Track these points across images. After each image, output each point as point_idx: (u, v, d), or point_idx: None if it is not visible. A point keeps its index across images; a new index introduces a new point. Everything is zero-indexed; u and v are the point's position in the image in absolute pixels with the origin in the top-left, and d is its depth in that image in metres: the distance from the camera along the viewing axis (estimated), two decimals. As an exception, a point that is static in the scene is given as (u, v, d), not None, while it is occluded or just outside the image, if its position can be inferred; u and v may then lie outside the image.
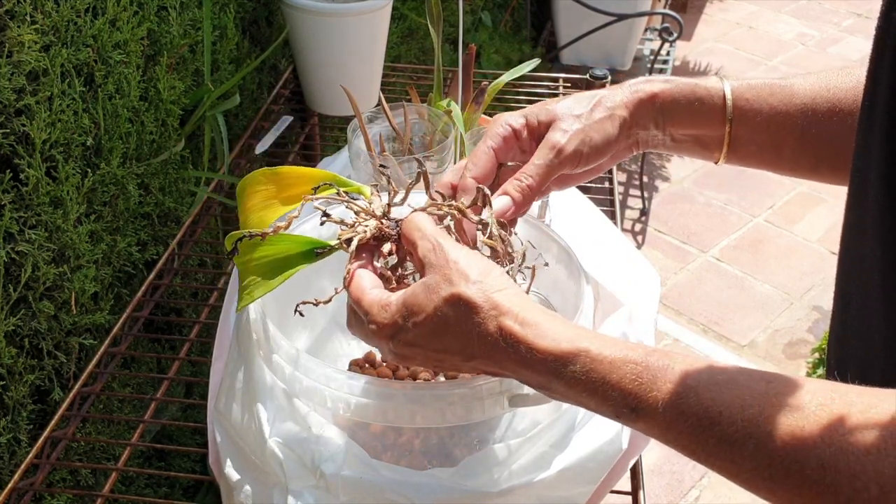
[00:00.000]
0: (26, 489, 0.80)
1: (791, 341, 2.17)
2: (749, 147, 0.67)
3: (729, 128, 0.65)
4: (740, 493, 1.54)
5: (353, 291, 0.56)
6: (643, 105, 0.65)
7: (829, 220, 2.58)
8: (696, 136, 0.67)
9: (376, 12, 1.22)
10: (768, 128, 0.65)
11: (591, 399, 0.49)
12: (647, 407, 0.46)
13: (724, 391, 0.45)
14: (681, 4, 3.70)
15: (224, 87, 1.16)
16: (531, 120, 0.65)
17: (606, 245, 0.80)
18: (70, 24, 0.87)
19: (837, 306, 0.56)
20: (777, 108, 0.65)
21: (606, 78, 1.38)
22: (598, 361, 0.48)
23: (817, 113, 0.65)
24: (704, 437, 0.45)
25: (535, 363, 0.50)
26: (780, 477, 0.42)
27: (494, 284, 0.52)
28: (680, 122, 0.66)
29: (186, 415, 1.16)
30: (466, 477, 0.59)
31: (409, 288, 0.54)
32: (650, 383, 0.47)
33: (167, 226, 1.13)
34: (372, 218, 0.60)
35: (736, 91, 0.65)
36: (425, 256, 0.54)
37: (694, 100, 0.65)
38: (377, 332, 0.54)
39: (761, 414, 0.43)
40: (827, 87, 0.65)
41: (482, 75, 1.38)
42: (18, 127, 0.82)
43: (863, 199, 0.50)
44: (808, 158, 0.66)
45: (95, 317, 0.96)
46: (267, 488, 0.62)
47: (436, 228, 0.56)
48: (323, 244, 0.61)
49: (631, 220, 2.56)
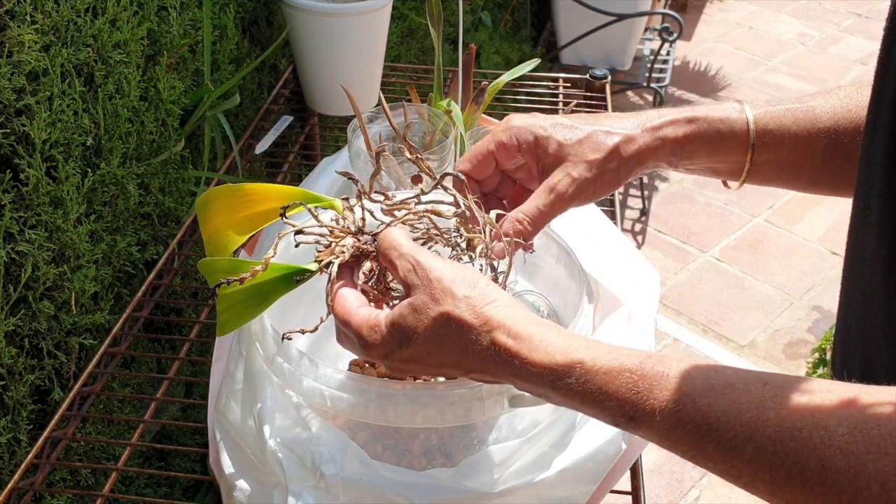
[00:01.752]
0: (26, 489, 0.80)
1: (791, 341, 2.17)
2: (768, 172, 0.66)
3: (750, 159, 0.64)
4: (740, 493, 1.54)
5: (340, 313, 0.55)
6: (664, 150, 0.63)
7: (829, 220, 2.58)
8: (711, 168, 0.66)
9: (376, 12, 1.22)
10: (789, 154, 0.65)
11: (588, 409, 0.49)
12: (644, 416, 0.47)
13: (721, 396, 0.45)
14: (681, 4, 3.70)
15: (224, 87, 1.16)
16: (542, 144, 0.63)
17: (606, 245, 0.80)
18: (70, 24, 0.87)
19: (842, 304, 0.56)
20: (799, 134, 0.64)
21: (606, 78, 1.38)
22: (594, 373, 0.48)
23: (840, 135, 0.63)
24: (703, 443, 0.45)
25: (531, 376, 0.50)
26: (782, 479, 0.43)
27: (482, 298, 0.51)
28: (698, 158, 0.65)
29: (186, 415, 1.16)
30: (466, 477, 0.59)
31: (396, 309, 0.53)
32: (647, 392, 0.47)
33: (167, 226, 1.13)
34: (348, 235, 0.59)
35: (759, 122, 0.64)
36: (406, 277, 0.53)
37: (717, 139, 0.64)
38: (370, 351, 0.54)
39: (759, 418, 0.43)
40: (848, 108, 0.64)
41: (482, 75, 1.38)
42: (18, 127, 0.82)
43: (868, 197, 0.51)
44: (827, 178, 0.66)
45: (95, 317, 0.96)
46: (267, 488, 0.62)
47: (412, 244, 0.55)
48: (301, 269, 0.60)
49: (631, 220, 2.56)
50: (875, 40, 1.06)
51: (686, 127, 0.63)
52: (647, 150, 0.63)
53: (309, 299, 0.81)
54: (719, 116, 0.64)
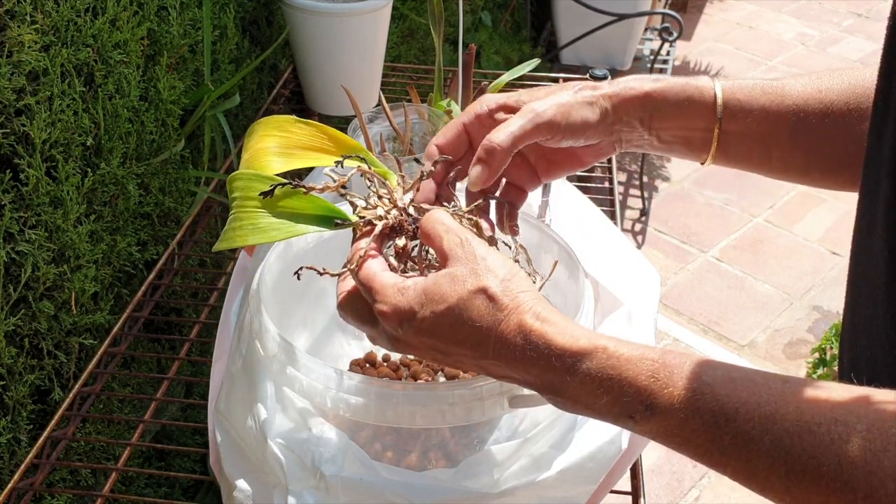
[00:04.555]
0: (26, 489, 0.80)
1: (791, 341, 2.17)
2: (739, 148, 0.66)
3: (718, 126, 0.64)
4: (740, 493, 1.53)
5: (365, 270, 0.55)
6: (630, 102, 0.64)
7: (830, 220, 2.58)
8: (683, 137, 0.66)
9: (376, 12, 1.22)
10: (758, 127, 0.65)
11: (603, 397, 0.48)
12: (662, 404, 0.46)
13: (741, 388, 0.45)
14: (681, 4, 3.70)
15: (224, 87, 1.17)
16: (509, 101, 0.64)
17: (606, 245, 0.80)
18: (70, 24, 0.87)
19: (848, 305, 0.56)
20: (768, 107, 0.64)
21: (606, 78, 1.38)
22: (615, 357, 0.48)
23: (808, 114, 0.64)
24: (720, 434, 0.44)
25: (551, 358, 0.49)
26: (797, 475, 0.42)
27: (519, 286, 0.52)
28: (668, 120, 0.65)
29: (186, 415, 1.16)
30: (466, 477, 0.59)
31: (430, 276, 0.53)
32: (666, 379, 0.46)
33: (167, 226, 1.13)
34: (394, 208, 0.59)
35: (727, 90, 0.65)
36: (452, 250, 0.53)
37: (684, 98, 0.64)
38: (388, 313, 0.53)
39: (778, 411, 0.43)
40: (819, 89, 0.64)
41: (482, 75, 1.38)
42: (18, 127, 0.82)
43: (874, 198, 0.51)
44: (797, 160, 0.66)
45: (95, 317, 0.96)
46: (267, 489, 0.62)
47: (460, 225, 0.56)
48: (344, 216, 0.58)
49: (631, 220, 2.56)
50: (875, 40, 1.05)
51: (653, 83, 0.64)
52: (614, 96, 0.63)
53: (310, 299, 0.81)
54: (687, 79, 0.65)
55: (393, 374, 0.80)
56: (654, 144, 0.66)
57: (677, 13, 2.52)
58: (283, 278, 0.73)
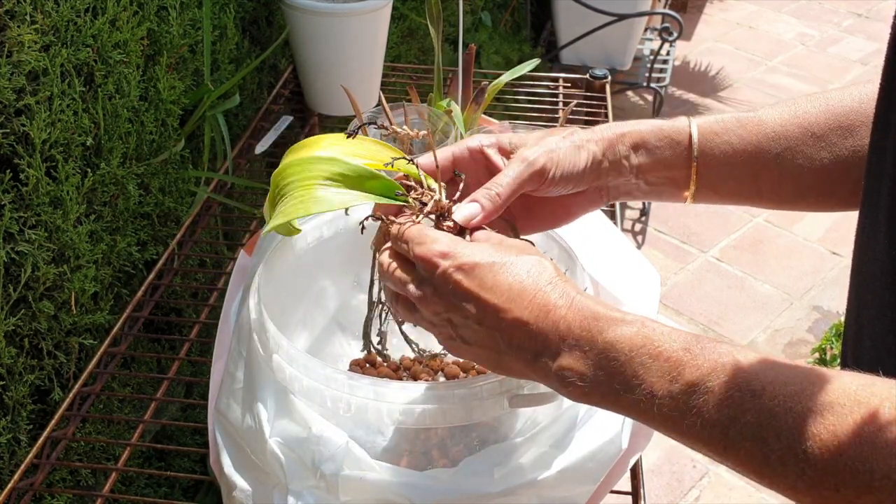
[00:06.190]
0: (26, 489, 0.80)
1: (791, 341, 2.17)
2: (727, 182, 0.66)
3: (696, 163, 0.65)
4: (740, 493, 1.54)
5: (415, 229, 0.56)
6: (613, 143, 0.65)
7: (829, 220, 2.58)
8: (669, 178, 0.67)
9: (376, 12, 1.22)
10: (741, 159, 0.65)
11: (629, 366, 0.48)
12: (690, 380, 0.46)
13: (768, 369, 0.46)
14: (681, 4, 3.71)
15: (224, 87, 1.17)
16: (503, 142, 0.65)
17: (606, 245, 0.80)
18: (70, 24, 0.87)
19: (851, 306, 0.56)
20: (747, 138, 0.65)
21: (606, 78, 1.38)
22: (651, 328, 0.49)
23: (790, 139, 0.65)
24: (742, 410, 0.45)
25: (586, 319, 0.50)
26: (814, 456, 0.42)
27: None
28: (651, 161, 0.66)
29: (186, 415, 1.16)
30: (466, 477, 0.59)
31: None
32: (699, 353, 0.47)
33: (167, 226, 1.13)
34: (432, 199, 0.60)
35: (703, 125, 0.66)
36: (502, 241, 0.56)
37: (662, 136, 0.66)
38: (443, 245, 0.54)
39: (803, 391, 0.44)
40: (795, 114, 0.65)
41: (482, 75, 1.38)
42: (18, 127, 0.82)
43: (876, 200, 0.51)
44: (787, 186, 0.66)
45: (95, 317, 0.96)
46: (267, 488, 0.62)
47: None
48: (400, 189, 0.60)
49: (631, 220, 2.56)
50: (875, 40, 1.05)
51: (632, 125, 0.66)
52: (599, 140, 0.65)
53: (310, 299, 0.81)
54: (662, 120, 0.67)
55: (393, 374, 0.80)
56: (643, 189, 0.67)
57: (677, 13, 2.52)
58: (283, 278, 0.73)
